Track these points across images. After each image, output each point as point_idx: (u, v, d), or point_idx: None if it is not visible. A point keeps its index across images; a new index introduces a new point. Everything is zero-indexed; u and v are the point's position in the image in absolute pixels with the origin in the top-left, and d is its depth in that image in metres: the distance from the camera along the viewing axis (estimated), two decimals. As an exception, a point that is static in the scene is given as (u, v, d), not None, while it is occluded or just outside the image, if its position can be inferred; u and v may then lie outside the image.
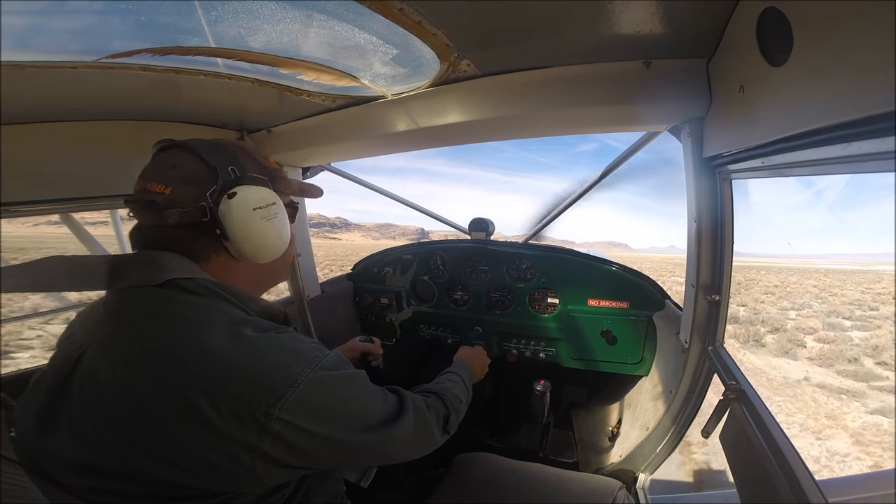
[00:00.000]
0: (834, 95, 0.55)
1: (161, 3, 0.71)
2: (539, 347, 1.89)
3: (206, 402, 0.55)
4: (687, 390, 1.28)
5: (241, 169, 0.70)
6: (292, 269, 1.93)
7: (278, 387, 0.58)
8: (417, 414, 0.80)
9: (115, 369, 0.58)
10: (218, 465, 0.56)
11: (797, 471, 0.74)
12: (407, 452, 0.79)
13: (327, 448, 0.64)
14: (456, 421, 0.92)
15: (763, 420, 0.89)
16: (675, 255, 39.31)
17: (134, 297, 0.64)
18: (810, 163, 0.69)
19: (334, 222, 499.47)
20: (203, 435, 0.55)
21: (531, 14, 0.79)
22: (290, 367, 0.61)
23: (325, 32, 0.86)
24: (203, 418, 0.55)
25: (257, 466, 0.58)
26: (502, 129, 1.32)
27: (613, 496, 1.09)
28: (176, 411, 0.55)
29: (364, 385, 0.72)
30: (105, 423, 0.57)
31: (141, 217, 0.68)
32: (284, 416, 0.58)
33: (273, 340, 0.64)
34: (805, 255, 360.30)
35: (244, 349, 0.60)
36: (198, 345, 0.59)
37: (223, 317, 0.64)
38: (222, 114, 1.42)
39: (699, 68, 0.97)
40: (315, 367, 0.63)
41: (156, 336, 0.60)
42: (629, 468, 1.53)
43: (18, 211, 1.19)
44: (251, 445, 0.57)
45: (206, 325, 0.61)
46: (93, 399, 0.58)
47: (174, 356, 0.58)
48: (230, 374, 0.58)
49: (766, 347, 14.34)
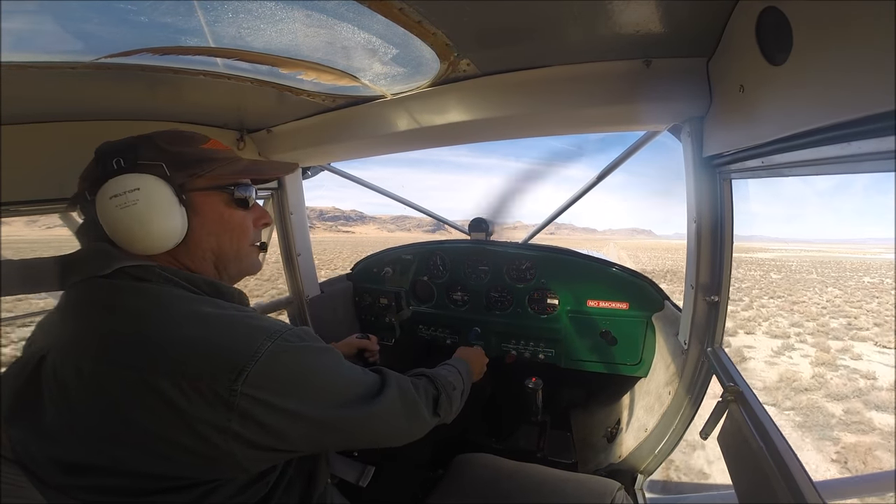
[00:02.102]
0: (833, 95, 0.55)
1: (161, 3, 0.71)
2: (538, 348, 1.89)
3: (169, 384, 0.54)
4: (685, 391, 1.28)
5: (131, 159, 0.67)
6: (292, 269, 1.93)
7: (238, 361, 0.57)
8: (403, 393, 0.77)
9: (79, 366, 0.57)
10: (193, 449, 0.55)
11: (795, 472, 0.74)
12: (394, 434, 0.77)
13: (300, 426, 0.61)
14: (448, 404, 0.89)
15: (761, 421, 0.89)
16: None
17: (85, 291, 0.63)
18: (810, 162, 0.69)
19: (349, 215, 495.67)
20: (171, 419, 0.54)
21: (531, 14, 0.79)
22: (249, 341, 0.60)
23: (325, 32, 0.86)
24: (168, 402, 0.54)
25: (234, 449, 0.57)
26: (502, 129, 1.32)
27: (612, 497, 1.09)
28: (142, 399, 0.54)
29: (337, 361, 0.70)
30: (78, 420, 0.56)
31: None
32: (248, 392, 0.56)
33: (230, 318, 0.63)
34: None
35: (201, 328, 0.60)
36: (154, 329, 0.58)
37: (176, 300, 0.63)
38: (222, 114, 1.42)
39: (699, 68, 0.97)
40: (275, 340, 0.61)
41: (111, 326, 0.59)
42: (628, 469, 1.53)
43: (18, 211, 1.19)
44: (220, 426, 0.55)
45: (159, 310, 0.61)
46: (61, 399, 0.57)
47: (132, 343, 0.57)
48: (189, 353, 0.57)
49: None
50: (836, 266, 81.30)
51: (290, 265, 1.94)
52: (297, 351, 0.63)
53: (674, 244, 29.13)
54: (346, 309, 2.23)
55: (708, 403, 1.17)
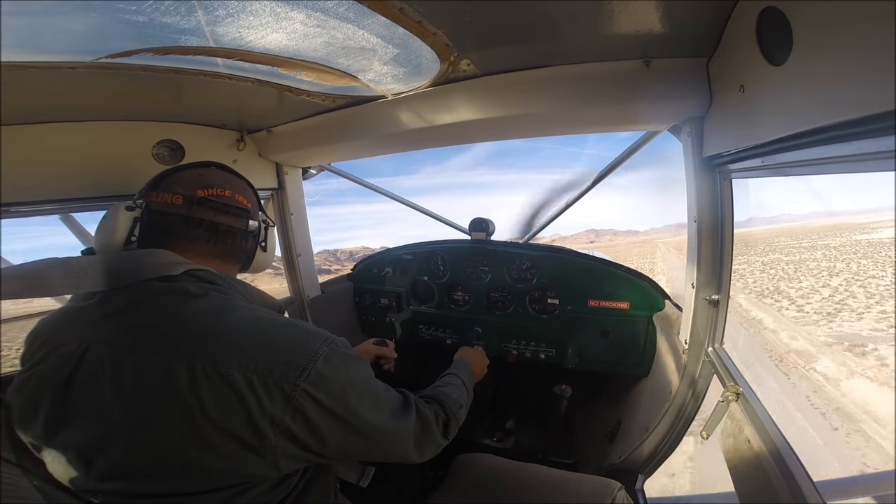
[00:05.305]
0: (834, 94, 0.55)
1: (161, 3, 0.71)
2: (539, 348, 1.88)
3: (240, 375, 0.58)
4: (686, 391, 1.28)
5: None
6: (292, 270, 1.93)
7: (301, 359, 0.63)
8: (420, 415, 0.82)
9: (142, 359, 0.60)
10: (244, 440, 0.58)
11: (795, 472, 0.74)
12: (411, 452, 0.81)
13: (339, 427, 0.66)
14: (455, 427, 0.94)
15: (762, 421, 0.89)
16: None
17: (149, 290, 0.67)
18: (810, 162, 0.69)
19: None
20: (234, 408, 0.58)
21: (531, 14, 0.79)
22: (310, 342, 0.66)
23: (325, 32, 0.86)
24: (237, 391, 0.58)
25: (279, 444, 0.60)
26: (502, 129, 1.32)
27: (613, 496, 1.09)
28: (211, 388, 0.57)
29: (371, 372, 0.76)
30: (129, 416, 0.58)
31: (212, 216, 0.78)
32: (307, 388, 0.61)
33: (288, 322, 0.70)
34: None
35: (267, 327, 0.66)
36: (226, 324, 0.64)
37: (238, 302, 0.71)
38: (222, 114, 1.42)
39: (699, 68, 0.97)
40: (329, 344, 0.68)
41: (184, 322, 0.63)
42: (628, 468, 1.53)
43: (18, 211, 1.19)
44: (276, 418, 0.59)
45: (227, 309, 0.67)
46: (111, 394, 0.59)
47: (206, 336, 0.61)
48: (259, 348, 0.62)
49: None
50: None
51: (290, 266, 1.93)
52: (345, 357, 0.69)
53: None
54: (347, 309, 2.23)
55: (709, 403, 1.17)
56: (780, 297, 72.04)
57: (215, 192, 0.80)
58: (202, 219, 0.77)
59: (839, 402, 20.14)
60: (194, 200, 0.77)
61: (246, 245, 0.87)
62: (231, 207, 0.82)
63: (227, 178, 0.85)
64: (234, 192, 0.83)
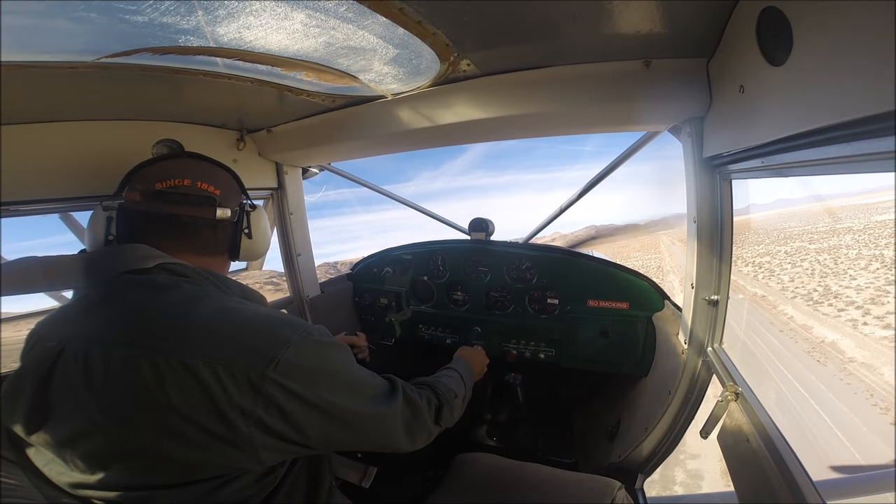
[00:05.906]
0: (834, 95, 0.55)
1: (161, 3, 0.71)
2: (539, 348, 1.88)
3: (205, 366, 0.57)
4: (686, 391, 1.28)
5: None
6: (292, 270, 1.93)
7: (270, 349, 0.62)
8: (408, 400, 0.81)
9: (108, 353, 0.59)
10: (217, 433, 0.57)
11: (794, 471, 0.75)
12: (401, 440, 0.80)
13: (316, 416, 0.65)
14: (449, 413, 0.93)
15: (761, 421, 0.89)
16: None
17: (122, 284, 0.67)
18: (810, 163, 0.69)
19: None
20: (201, 400, 0.57)
21: (531, 14, 0.79)
22: (280, 331, 0.65)
23: (325, 32, 0.85)
24: (202, 383, 0.57)
25: (254, 436, 0.59)
26: (502, 129, 1.32)
27: (612, 496, 1.09)
28: (175, 380, 0.57)
29: (352, 359, 0.75)
30: (101, 410, 0.58)
31: (170, 208, 0.76)
32: (276, 378, 0.60)
33: (260, 312, 0.68)
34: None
35: (236, 319, 0.65)
36: (193, 315, 0.63)
37: (210, 294, 0.70)
38: (222, 114, 1.42)
39: (699, 68, 0.97)
40: (301, 333, 0.66)
41: (149, 314, 0.63)
42: (628, 468, 1.53)
43: (18, 211, 1.19)
44: (247, 410, 0.58)
45: (196, 300, 0.66)
46: (84, 389, 0.59)
47: (171, 328, 0.61)
48: (226, 340, 0.61)
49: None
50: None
51: (290, 265, 1.93)
52: (319, 345, 0.68)
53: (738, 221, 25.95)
54: (347, 309, 2.23)
55: (708, 403, 1.17)
56: (837, 300, 55.38)
57: (173, 182, 0.77)
58: (161, 213, 0.76)
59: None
60: (151, 195, 0.76)
61: (219, 234, 0.82)
62: (190, 196, 0.78)
63: (189, 165, 0.82)
64: (194, 181, 0.79)
